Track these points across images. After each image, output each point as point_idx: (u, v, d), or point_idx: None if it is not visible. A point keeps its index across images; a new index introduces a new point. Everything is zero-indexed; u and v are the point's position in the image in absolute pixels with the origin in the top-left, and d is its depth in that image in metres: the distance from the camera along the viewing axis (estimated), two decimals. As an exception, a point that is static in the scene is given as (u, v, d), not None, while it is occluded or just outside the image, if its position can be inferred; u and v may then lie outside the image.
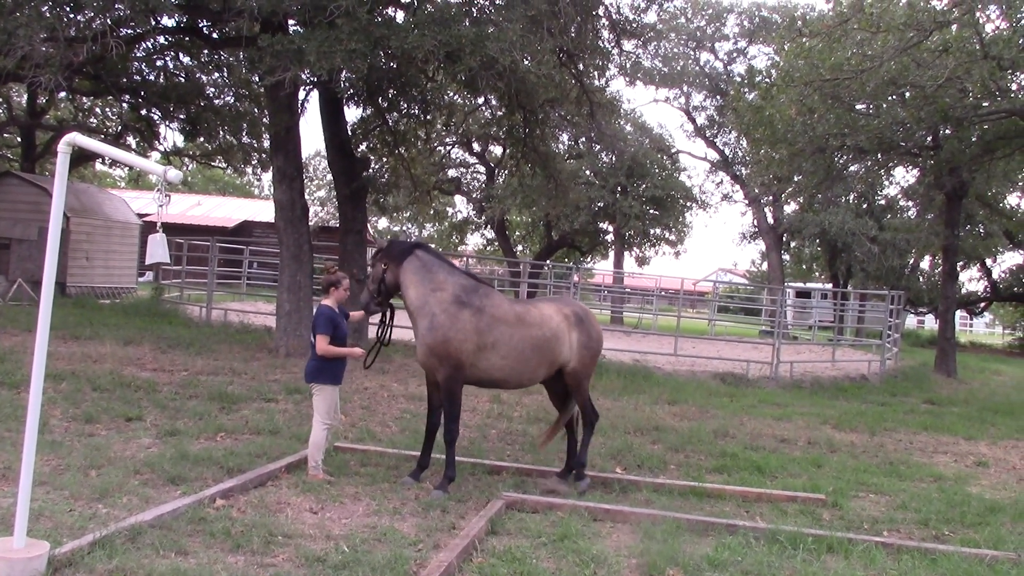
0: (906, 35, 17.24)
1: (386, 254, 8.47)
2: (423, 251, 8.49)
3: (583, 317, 8.69)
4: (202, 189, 62.42)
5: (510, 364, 8.15)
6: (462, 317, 7.99)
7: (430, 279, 8.18)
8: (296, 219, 16.22)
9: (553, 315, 8.48)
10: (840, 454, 11.60)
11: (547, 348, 8.30)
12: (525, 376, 8.37)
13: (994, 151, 21.40)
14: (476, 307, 8.06)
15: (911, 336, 44.67)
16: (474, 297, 8.14)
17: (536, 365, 8.29)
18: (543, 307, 8.62)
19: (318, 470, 7.98)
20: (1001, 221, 38.64)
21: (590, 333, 8.65)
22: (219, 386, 11.98)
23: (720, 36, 40.91)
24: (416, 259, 8.32)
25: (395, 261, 8.35)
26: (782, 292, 26.35)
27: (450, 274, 8.30)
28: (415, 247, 8.50)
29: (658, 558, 6.35)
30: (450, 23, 12.97)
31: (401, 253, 8.38)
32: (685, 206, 43.76)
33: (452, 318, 7.97)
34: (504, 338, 8.09)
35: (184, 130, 23.60)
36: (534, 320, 8.30)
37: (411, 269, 8.26)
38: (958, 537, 7.87)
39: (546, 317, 8.40)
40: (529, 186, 25.22)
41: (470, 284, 8.31)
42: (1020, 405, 18.40)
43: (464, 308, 8.03)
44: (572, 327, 8.50)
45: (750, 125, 23.44)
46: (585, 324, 8.63)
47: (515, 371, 8.23)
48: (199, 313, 20.71)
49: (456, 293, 8.10)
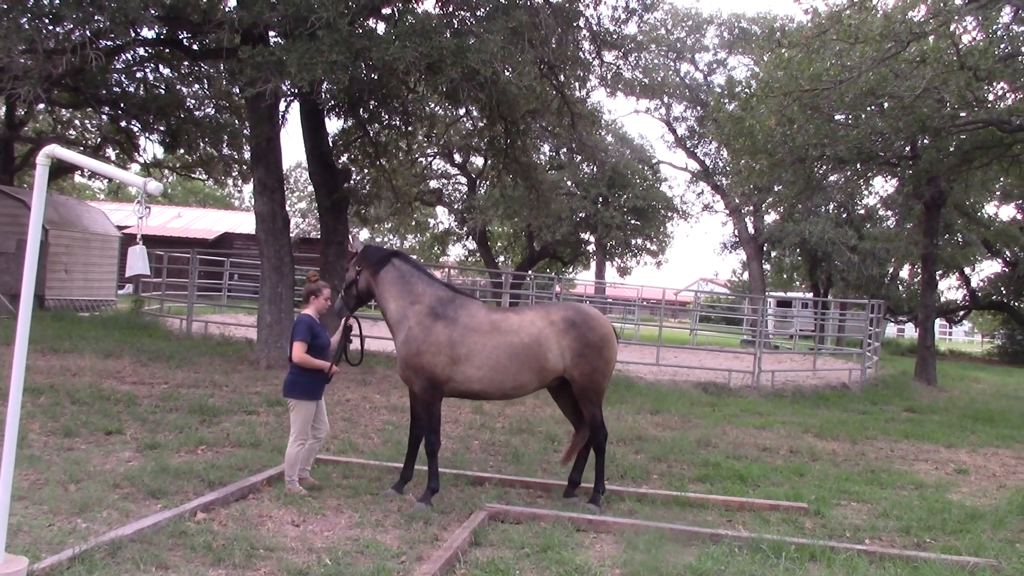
0: (883, 46, 17.38)
1: (362, 260, 8.36)
2: (400, 260, 8.38)
3: (577, 322, 8.18)
4: (182, 201, 62.18)
5: (487, 374, 7.93)
6: (435, 329, 7.89)
7: (409, 291, 8.10)
8: (277, 231, 16.17)
9: (535, 320, 8.15)
10: (822, 463, 11.63)
11: (527, 355, 7.97)
12: (507, 385, 8.06)
13: (972, 161, 21.57)
14: (450, 318, 7.95)
15: (891, 345, 44.89)
16: (449, 308, 8.02)
17: (516, 374, 7.98)
18: (525, 313, 8.33)
19: (293, 484, 7.86)
20: (979, 230, 38.95)
21: (587, 339, 8.13)
22: (200, 399, 11.91)
23: (700, 47, 41.19)
24: (394, 269, 8.22)
25: (371, 269, 8.26)
26: (763, 302, 26.49)
27: (428, 285, 8.21)
28: (392, 255, 8.39)
29: (641, 568, 6.36)
30: (431, 35, 13.00)
31: (378, 262, 8.27)
32: (666, 216, 43.98)
33: (426, 331, 7.89)
34: (477, 348, 7.91)
35: (164, 142, 23.50)
36: (510, 327, 8.05)
37: (389, 280, 8.17)
38: (939, 544, 7.90)
39: (525, 323, 8.11)
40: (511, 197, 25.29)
41: (447, 295, 8.19)
42: (1000, 413, 18.51)
43: (438, 320, 7.93)
44: (561, 333, 8.08)
45: (730, 136, 23.56)
46: (580, 329, 8.13)
47: (493, 381, 7.98)
48: (179, 325, 20.60)
49: (431, 305, 8.01)
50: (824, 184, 25.54)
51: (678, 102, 42.90)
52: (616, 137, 41.47)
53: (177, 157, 27.96)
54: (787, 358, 26.58)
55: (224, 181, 30.05)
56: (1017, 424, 16.84)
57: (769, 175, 23.16)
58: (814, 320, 32.44)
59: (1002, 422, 17.04)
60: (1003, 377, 30.91)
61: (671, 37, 40.29)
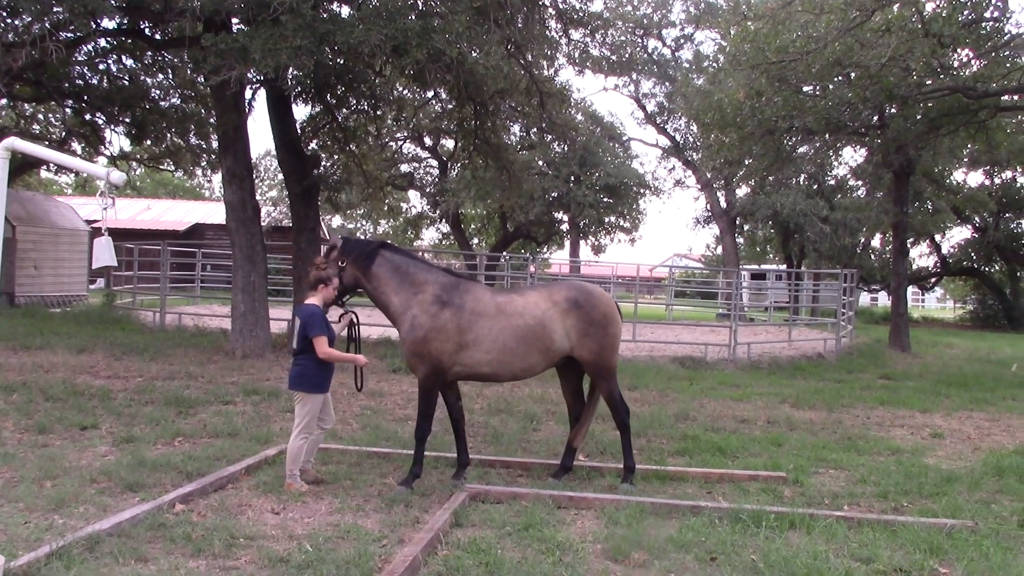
0: (849, 15, 17.44)
1: (345, 253, 8.16)
2: (390, 251, 8.28)
3: (580, 301, 8.20)
4: (151, 193, 61.65)
5: (495, 357, 7.95)
6: (443, 317, 7.87)
7: (409, 282, 8.04)
8: (248, 219, 16.05)
9: (539, 302, 8.16)
10: (799, 432, 11.72)
11: (533, 337, 7.98)
12: (516, 367, 8.07)
13: (939, 128, 21.71)
14: (456, 305, 7.93)
15: (865, 313, 45.25)
16: (454, 294, 8.00)
17: (524, 355, 8.00)
18: (529, 295, 8.30)
19: (295, 479, 7.66)
20: (948, 197, 39.25)
21: (591, 317, 8.16)
22: (175, 391, 11.84)
23: (667, 23, 41.10)
24: (386, 261, 8.12)
25: (359, 262, 8.11)
26: (737, 275, 26.63)
27: (428, 272, 8.16)
28: (379, 247, 8.28)
29: (623, 542, 6.38)
30: (395, 16, 12.89)
31: (367, 256, 8.13)
32: (639, 193, 44.04)
33: (433, 318, 7.86)
34: (484, 332, 7.92)
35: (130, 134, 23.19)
36: (515, 309, 8.05)
37: (385, 275, 8.07)
38: (916, 508, 7.99)
39: (529, 305, 8.11)
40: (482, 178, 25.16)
41: (450, 281, 8.16)
42: (973, 377, 18.71)
43: (445, 307, 7.91)
44: (564, 313, 8.11)
45: (699, 110, 23.62)
46: (584, 308, 8.16)
47: (503, 364, 8.00)
48: (153, 318, 20.45)
49: (437, 293, 7.97)
50: (794, 156, 25.65)
51: (647, 78, 42.84)
52: (586, 115, 41.38)
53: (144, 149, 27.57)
54: (762, 330, 26.74)
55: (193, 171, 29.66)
56: (990, 387, 17.04)
57: (739, 148, 23.22)
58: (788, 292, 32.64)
59: (975, 386, 17.23)
60: (975, 342, 31.25)
61: (637, 13, 40.19)
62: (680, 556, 6.28)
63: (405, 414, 11.53)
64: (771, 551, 6.29)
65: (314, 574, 5.58)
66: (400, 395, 12.78)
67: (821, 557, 6.18)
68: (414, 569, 5.71)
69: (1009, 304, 44.74)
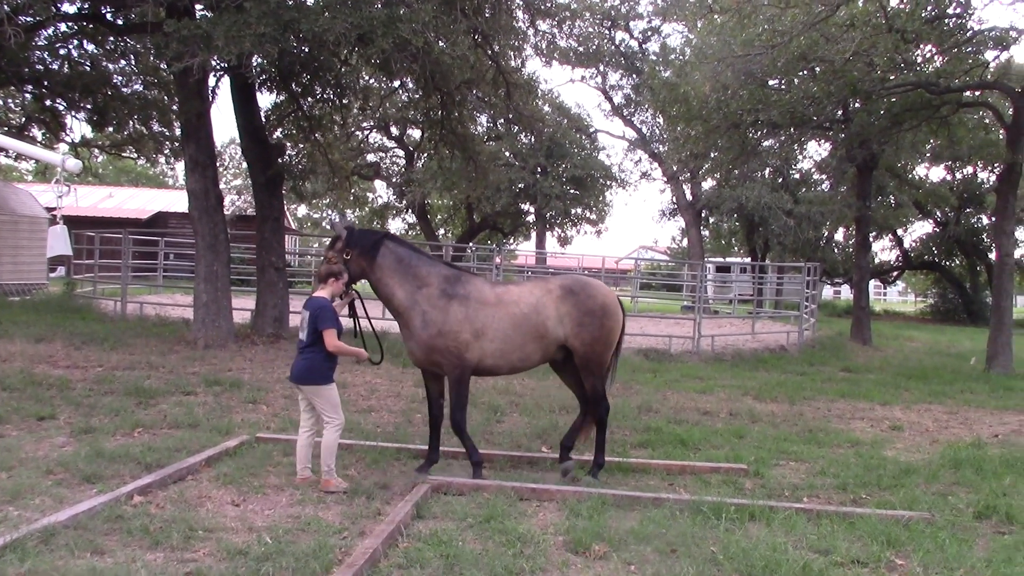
0: (814, 10, 17.55)
1: (351, 244, 8.14)
2: (394, 243, 8.32)
3: (575, 289, 8.27)
4: (114, 181, 60.88)
5: (498, 347, 8.01)
6: (452, 309, 7.94)
7: (413, 275, 8.07)
8: (211, 208, 15.89)
9: (533, 291, 8.27)
10: (761, 424, 11.82)
11: (528, 325, 8.05)
12: (515, 357, 8.13)
13: (902, 123, 21.93)
14: (461, 296, 8.00)
15: (828, 307, 45.75)
16: (458, 286, 8.07)
17: (522, 344, 8.06)
18: (524, 285, 8.46)
19: (331, 474, 7.50)
20: (910, 192, 39.72)
21: (585, 306, 8.19)
22: (135, 381, 11.69)
23: (634, 15, 41.19)
24: (390, 252, 8.14)
25: (365, 253, 8.10)
26: (702, 267, 26.73)
27: (431, 266, 8.21)
28: (385, 238, 8.32)
29: (584, 534, 6.40)
30: (361, 5, 12.81)
31: (372, 245, 8.13)
32: (605, 185, 44.17)
33: (443, 312, 7.92)
34: (489, 321, 8.00)
35: (91, 120, 22.85)
36: (512, 298, 8.14)
37: (389, 266, 8.08)
38: (875, 500, 8.08)
39: (524, 294, 8.22)
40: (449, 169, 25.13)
41: (452, 273, 8.23)
42: (932, 370, 18.96)
43: (452, 300, 7.97)
44: (559, 300, 8.17)
45: (666, 103, 23.67)
46: (579, 296, 8.21)
47: (504, 354, 8.06)
48: (114, 307, 20.18)
49: (441, 286, 8.02)
50: (759, 149, 25.77)
51: (614, 70, 42.91)
52: (553, 107, 41.39)
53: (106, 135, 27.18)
54: (726, 323, 26.91)
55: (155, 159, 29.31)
56: (949, 380, 17.27)
57: (705, 141, 23.31)
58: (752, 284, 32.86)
59: (934, 378, 17.46)
60: (935, 335, 31.67)
61: (605, 5, 40.24)
62: (641, 548, 6.31)
63: (368, 405, 11.49)
64: (731, 543, 6.34)
65: (273, 567, 5.52)
66: (363, 386, 12.73)
67: (780, 549, 6.24)
68: (374, 561, 5.69)
69: (969, 298, 45.42)
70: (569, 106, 43.76)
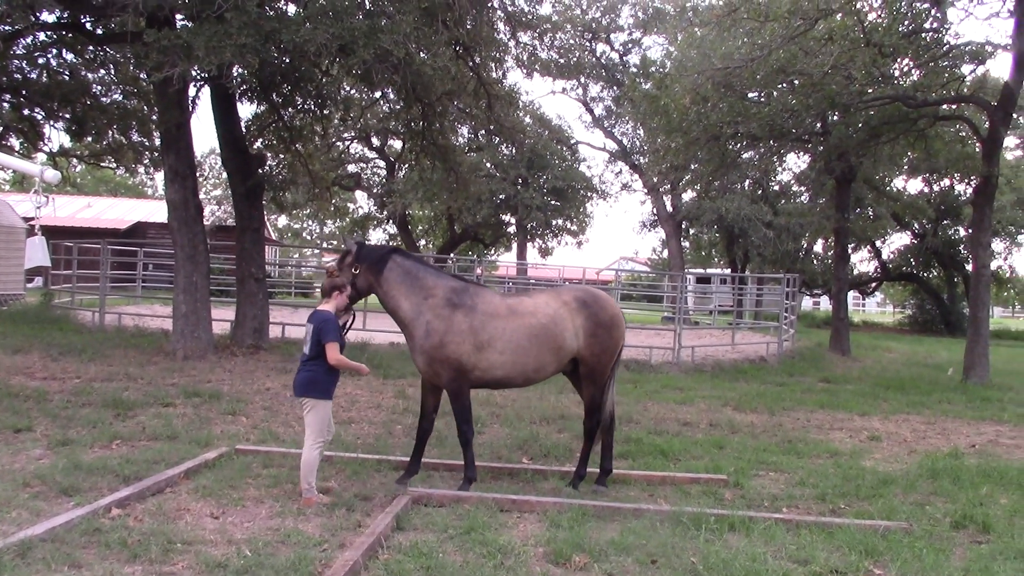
0: (792, 24, 17.69)
1: (360, 258, 8.23)
2: (401, 256, 8.41)
3: (588, 302, 8.33)
4: (92, 190, 60.47)
5: (509, 359, 8.02)
6: (456, 319, 7.96)
7: (419, 287, 8.14)
8: (190, 219, 15.84)
9: (549, 301, 8.28)
10: (741, 435, 11.85)
11: (546, 336, 8.08)
12: (530, 369, 8.14)
13: (880, 136, 22.09)
14: (468, 306, 8.03)
15: (807, 317, 45.90)
16: (464, 297, 8.11)
17: (538, 356, 8.08)
18: (539, 296, 8.46)
19: (312, 492, 7.44)
20: (888, 203, 39.95)
21: (598, 318, 8.27)
22: (114, 392, 11.62)
23: (615, 27, 41.28)
24: (397, 266, 8.22)
25: (372, 268, 8.19)
26: (682, 279, 26.84)
27: (437, 278, 8.28)
28: (392, 252, 8.40)
29: (564, 545, 6.40)
30: (342, 16, 12.82)
31: (379, 260, 8.22)
32: (586, 196, 44.26)
33: (446, 321, 7.95)
34: (499, 333, 8.00)
35: (70, 130, 22.71)
36: (527, 309, 8.17)
37: (396, 279, 8.16)
38: (853, 510, 8.12)
39: (540, 305, 8.23)
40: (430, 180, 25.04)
41: (459, 285, 8.28)
42: (910, 380, 19.07)
43: (457, 309, 8.00)
44: (574, 312, 8.22)
45: (646, 115, 23.78)
46: (592, 309, 8.29)
47: (516, 365, 8.07)
48: (92, 318, 20.04)
49: (447, 296, 8.07)
50: (739, 161, 25.89)
51: (595, 82, 42.98)
52: (534, 118, 41.46)
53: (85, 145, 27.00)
54: (707, 333, 26.99)
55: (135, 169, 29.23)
56: (927, 391, 17.38)
57: (685, 153, 23.40)
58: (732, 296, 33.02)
59: (912, 389, 17.56)
60: (913, 346, 31.85)
61: (586, 17, 40.32)
62: (621, 559, 6.32)
63: (348, 416, 11.44)
64: (711, 553, 6.35)
65: (252, 579, 5.51)
66: (344, 397, 12.67)
67: (759, 559, 6.26)
68: (355, 574, 5.67)
69: (946, 309, 45.70)
70: (550, 117, 43.92)
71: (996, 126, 19.33)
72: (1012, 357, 28.30)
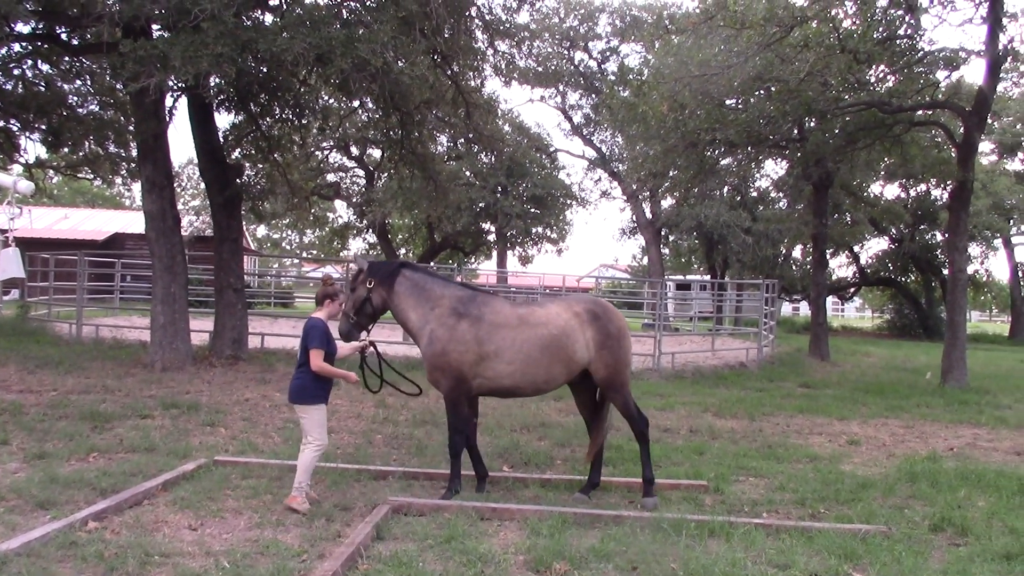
0: (768, 31, 17.80)
1: (371, 275, 8.34)
2: (410, 270, 8.51)
3: (599, 313, 8.32)
4: (69, 202, 60.07)
5: (518, 369, 8.03)
6: (460, 328, 7.99)
7: (427, 297, 8.21)
8: (168, 229, 15.75)
9: (561, 312, 8.25)
10: (721, 440, 11.89)
11: (557, 347, 8.07)
12: (540, 379, 8.14)
13: (856, 142, 22.22)
14: (474, 316, 8.06)
15: (786, 323, 46.16)
16: (471, 306, 8.14)
17: (548, 366, 8.08)
18: (550, 306, 8.41)
19: (299, 492, 7.48)
20: (866, 209, 40.21)
21: (608, 330, 8.24)
22: (91, 405, 11.53)
23: (593, 35, 41.47)
24: (406, 280, 8.32)
25: (384, 284, 8.29)
26: (662, 285, 26.89)
27: (445, 287, 8.36)
28: (401, 267, 8.48)
29: (545, 553, 6.39)
30: (319, 25, 12.79)
31: (389, 275, 8.32)
32: (565, 204, 44.30)
33: (450, 330, 7.99)
34: (507, 343, 8.01)
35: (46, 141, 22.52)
36: (538, 320, 8.15)
37: (404, 292, 8.27)
38: (833, 514, 8.15)
39: (552, 315, 8.21)
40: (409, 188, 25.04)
41: (467, 294, 8.32)
42: (889, 384, 19.18)
43: (462, 319, 8.03)
44: (586, 324, 8.20)
45: (624, 122, 23.86)
46: (602, 320, 8.27)
47: (526, 375, 8.07)
48: (69, 330, 19.88)
49: (453, 305, 8.12)
50: (717, 168, 26.01)
51: (573, 90, 43.18)
52: (513, 126, 41.49)
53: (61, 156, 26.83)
54: (687, 340, 27.08)
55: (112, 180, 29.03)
56: (905, 394, 17.47)
57: (663, 160, 23.48)
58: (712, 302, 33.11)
59: (891, 393, 17.66)
60: (892, 350, 32.04)
61: (564, 26, 40.49)
62: (601, 566, 6.31)
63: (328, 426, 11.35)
64: (691, 559, 6.36)
65: (231, 591, 5.47)
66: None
67: (740, 564, 6.28)
68: (334, 584, 5.64)
69: (924, 313, 46.04)
70: (529, 126, 43.94)
71: (971, 131, 19.50)
72: (989, 360, 28.52)
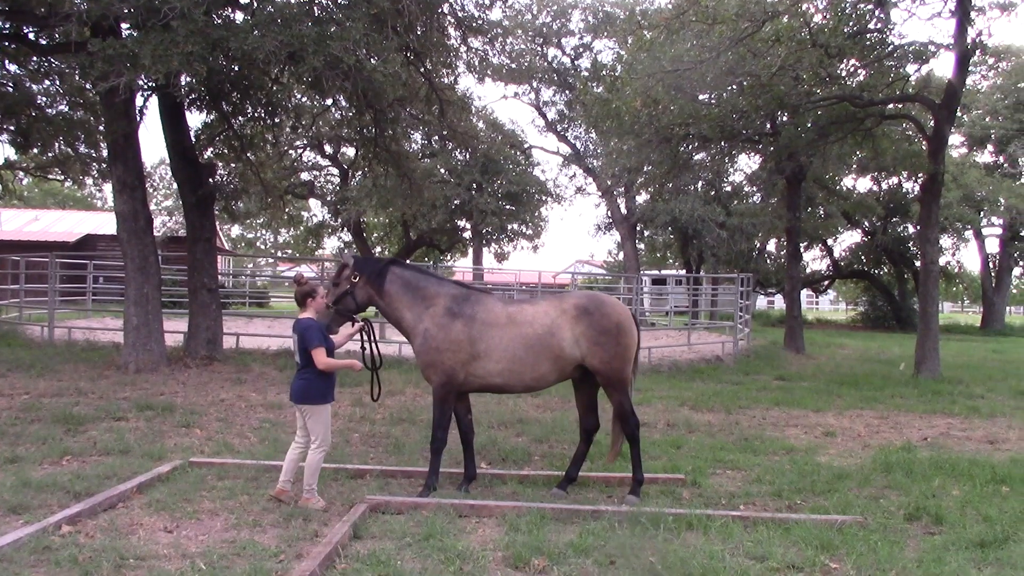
0: (740, 26, 17.86)
1: (358, 271, 8.30)
2: (400, 268, 8.49)
3: (590, 308, 8.19)
4: (40, 203, 59.51)
5: (505, 367, 8.04)
6: (455, 328, 8.01)
7: (420, 296, 8.22)
8: (140, 230, 15.62)
9: (548, 310, 8.20)
10: (698, 434, 11.93)
11: (542, 345, 8.03)
12: (527, 377, 8.12)
13: (828, 135, 22.35)
14: (468, 316, 8.07)
15: (762, 316, 46.42)
16: (465, 306, 8.14)
17: (534, 364, 8.05)
18: (540, 304, 8.37)
19: (312, 494, 7.54)
20: (839, 202, 40.51)
21: (602, 325, 8.12)
22: (64, 407, 11.42)
23: (566, 31, 41.43)
24: (397, 278, 8.30)
25: (372, 280, 8.27)
26: (638, 280, 26.96)
27: (439, 286, 8.35)
28: (390, 264, 8.46)
29: (523, 549, 6.39)
30: (291, 23, 12.70)
31: (378, 273, 8.31)
32: (540, 200, 44.30)
33: (444, 330, 8.00)
34: (495, 342, 8.02)
35: (15, 142, 22.29)
36: (525, 319, 8.14)
37: (397, 291, 8.26)
38: (809, 505, 8.21)
39: (539, 314, 8.17)
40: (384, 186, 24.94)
41: (461, 293, 8.32)
42: (863, 376, 19.32)
43: (456, 319, 8.04)
44: (574, 320, 8.11)
45: (598, 118, 23.84)
46: (594, 316, 8.14)
47: (513, 373, 8.08)
48: (41, 333, 19.69)
49: (448, 305, 8.12)
50: (691, 163, 26.07)
51: (547, 87, 43.12)
52: (487, 123, 41.45)
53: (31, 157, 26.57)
54: (663, 334, 27.15)
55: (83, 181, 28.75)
56: (879, 386, 17.61)
57: (637, 155, 23.55)
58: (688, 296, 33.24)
59: (866, 384, 17.79)
60: (866, 342, 32.30)
61: (537, 22, 40.44)
62: (580, 561, 6.32)
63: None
64: (669, 552, 6.38)
65: (208, 593, 5.43)
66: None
67: (717, 557, 6.30)
68: (312, 584, 5.61)
69: (897, 305, 46.43)
70: (503, 122, 43.87)
71: (941, 124, 19.67)
72: (961, 351, 28.81)
